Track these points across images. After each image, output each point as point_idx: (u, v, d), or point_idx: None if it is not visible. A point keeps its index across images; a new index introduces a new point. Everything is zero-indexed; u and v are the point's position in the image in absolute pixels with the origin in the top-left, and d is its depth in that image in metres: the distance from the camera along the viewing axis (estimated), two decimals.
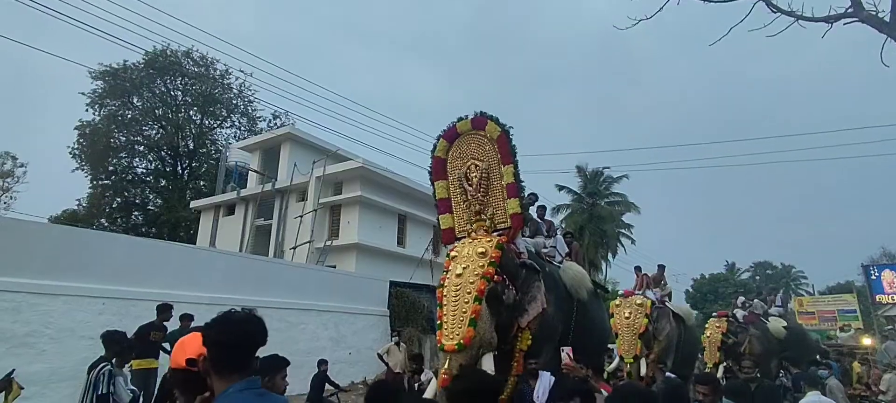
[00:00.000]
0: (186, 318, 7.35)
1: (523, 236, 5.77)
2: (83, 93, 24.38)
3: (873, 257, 31.74)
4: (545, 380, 4.47)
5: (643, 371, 7.29)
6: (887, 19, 6.89)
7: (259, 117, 29.08)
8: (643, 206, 28.50)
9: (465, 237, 4.79)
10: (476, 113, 5.14)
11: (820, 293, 37.86)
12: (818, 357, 11.43)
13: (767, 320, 11.51)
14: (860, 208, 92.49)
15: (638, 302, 8.00)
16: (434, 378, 4.43)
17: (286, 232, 20.04)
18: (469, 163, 5.06)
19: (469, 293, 4.05)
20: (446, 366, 3.86)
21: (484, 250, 4.32)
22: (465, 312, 3.98)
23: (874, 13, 7.14)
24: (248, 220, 21.21)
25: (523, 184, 4.87)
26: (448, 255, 4.57)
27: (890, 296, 18.37)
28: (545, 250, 6.10)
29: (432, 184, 5.31)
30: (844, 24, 7.39)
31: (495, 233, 4.69)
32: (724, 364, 9.35)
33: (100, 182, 25.61)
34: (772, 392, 5.20)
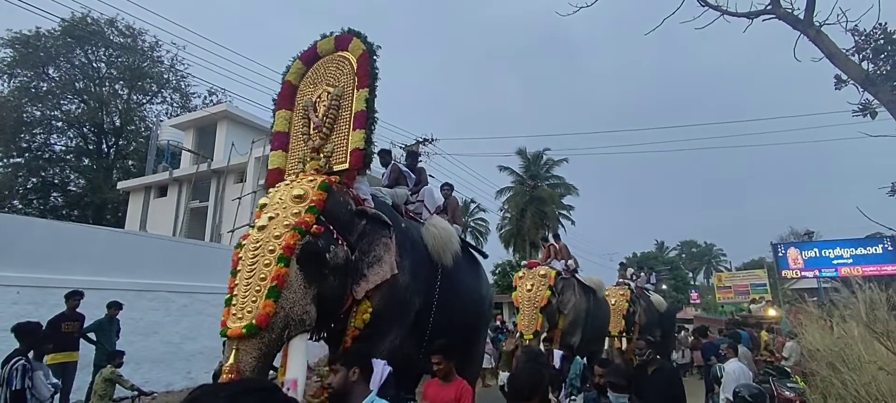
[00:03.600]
0: (114, 306, 6.96)
1: (381, 185, 4.70)
2: None
3: (782, 235, 34.76)
4: (377, 372, 2.71)
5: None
6: (802, 17, 7.48)
7: (193, 93, 27.35)
8: (582, 188, 29.69)
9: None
10: (344, 30, 4.10)
11: (737, 269, 41.19)
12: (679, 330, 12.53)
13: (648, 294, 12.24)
14: (773, 190, 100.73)
15: (541, 273, 7.31)
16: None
17: (224, 215, 19.23)
18: (321, 91, 4.01)
19: (272, 251, 2.89)
20: (231, 360, 2.68)
21: (302, 192, 3.21)
22: (263, 279, 2.82)
23: (790, 11, 7.73)
24: (181, 202, 20.16)
25: (377, 115, 3.76)
26: (258, 206, 3.44)
27: (794, 271, 20.14)
28: (412, 206, 4.99)
29: (273, 115, 4.27)
30: (764, 20, 7.96)
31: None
32: (626, 333, 9.40)
33: (11, 160, 23.37)
34: (671, 377, 4.18)
